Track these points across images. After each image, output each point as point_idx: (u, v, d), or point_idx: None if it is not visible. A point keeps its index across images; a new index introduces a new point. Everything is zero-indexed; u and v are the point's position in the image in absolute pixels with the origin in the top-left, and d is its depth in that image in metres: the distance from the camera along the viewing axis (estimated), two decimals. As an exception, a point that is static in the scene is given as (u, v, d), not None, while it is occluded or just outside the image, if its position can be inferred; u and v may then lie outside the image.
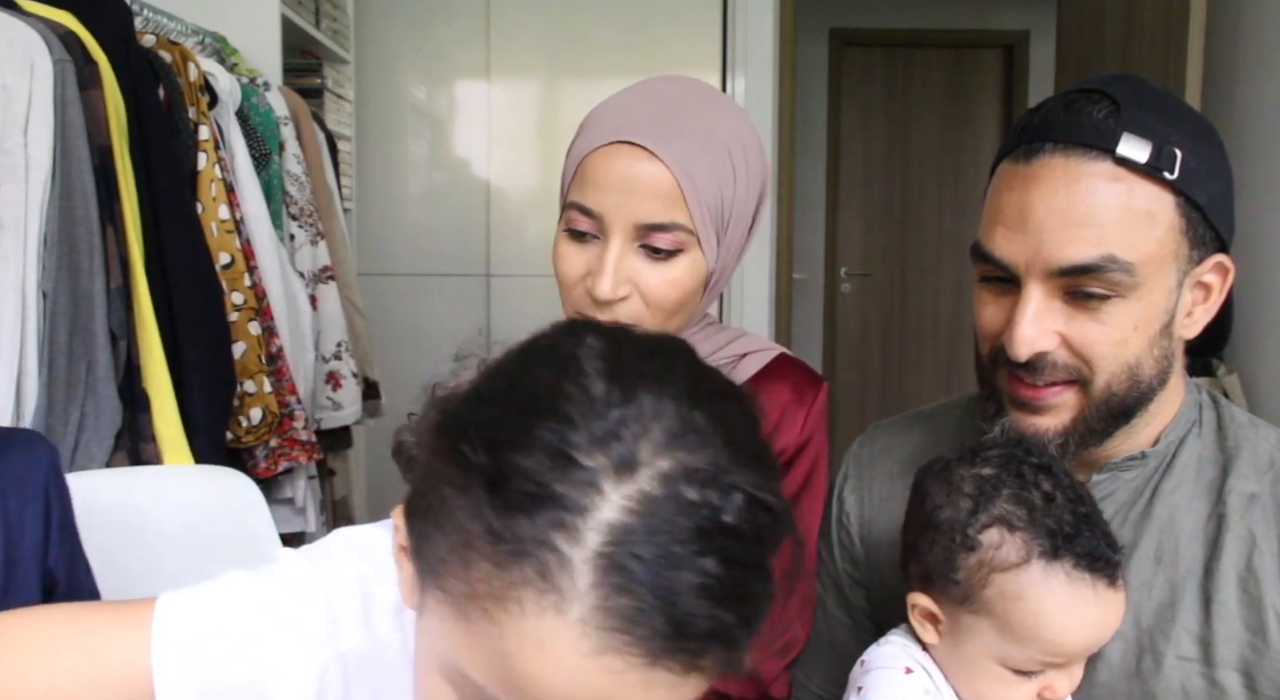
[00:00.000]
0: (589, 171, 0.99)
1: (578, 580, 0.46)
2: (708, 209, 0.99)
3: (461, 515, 0.49)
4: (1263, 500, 0.94)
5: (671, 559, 0.46)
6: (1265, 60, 2.22)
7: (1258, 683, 0.91)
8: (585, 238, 1.00)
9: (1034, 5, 5.01)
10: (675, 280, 0.99)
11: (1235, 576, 0.92)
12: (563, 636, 0.47)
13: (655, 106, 1.01)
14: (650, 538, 0.46)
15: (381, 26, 3.15)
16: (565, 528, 0.46)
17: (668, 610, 0.46)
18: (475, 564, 0.48)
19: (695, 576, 0.47)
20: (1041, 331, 0.89)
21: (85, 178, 1.39)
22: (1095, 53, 3.15)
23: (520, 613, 0.47)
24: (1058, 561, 0.83)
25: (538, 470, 0.47)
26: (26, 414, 1.35)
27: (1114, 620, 0.87)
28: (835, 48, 5.23)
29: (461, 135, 3.24)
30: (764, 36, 3.14)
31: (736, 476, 0.49)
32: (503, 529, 0.47)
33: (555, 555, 0.46)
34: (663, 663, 0.47)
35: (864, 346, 5.40)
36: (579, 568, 0.46)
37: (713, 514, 0.48)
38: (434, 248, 3.16)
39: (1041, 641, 0.84)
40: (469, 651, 0.49)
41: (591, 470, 0.47)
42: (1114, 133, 0.86)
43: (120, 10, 1.60)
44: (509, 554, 0.47)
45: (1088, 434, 0.93)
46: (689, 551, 0.47)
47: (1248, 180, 2.19)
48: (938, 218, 5.28)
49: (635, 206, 0.97)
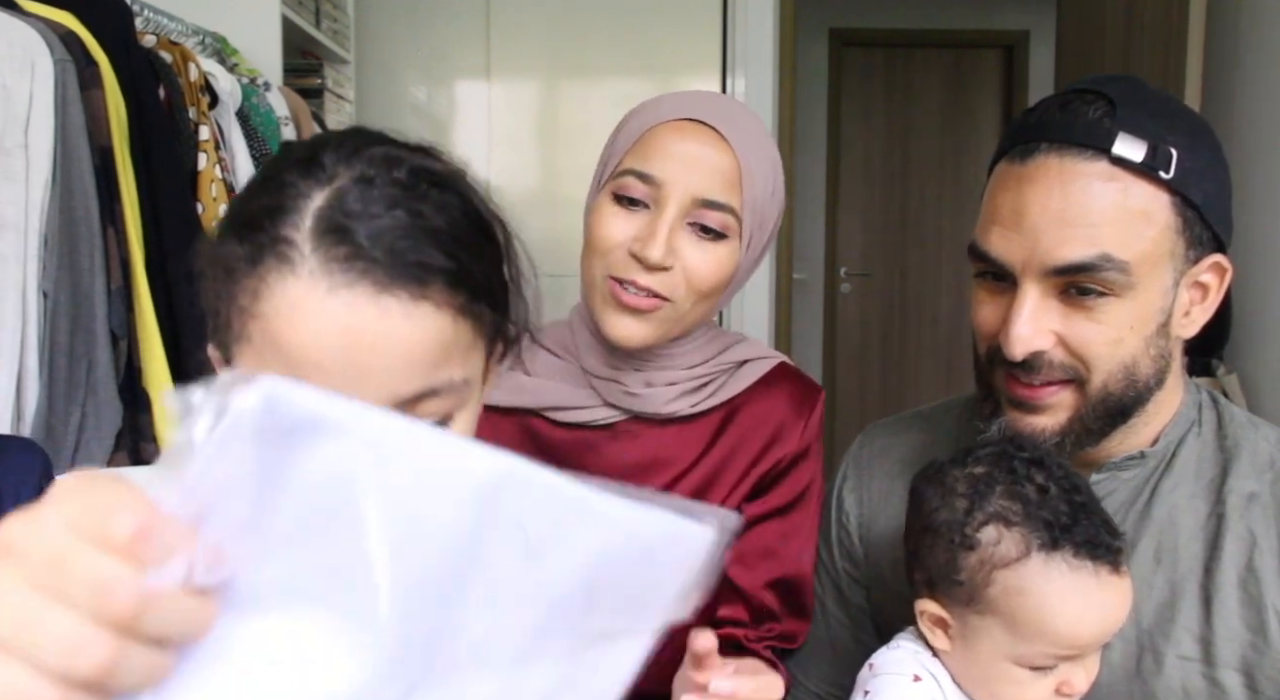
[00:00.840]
0: (654, 141, 1.01)
1: (304, 248, 0.59)
2: (754, 203, 1.02)
3: (225, 269, 0.62)
4: (1263, 499, 0.94)
5: (373, 212, 0.59)
6: (1265, 60, 2.22)
7: (1258, 682, 0.91)
8: (634, 205, 1.00)
9: (1034, 5, 5.01)
10: (718, 262, 1.01)
11: (1235, 576, 0.92)
12: (303, 291, 0.58)
13: (723, 101, 1.05)
14: (352, 202, 0.59)
15: (381, 26, 3.15)
16: (286, 220, 0.59)
17: (379, 249, 0.58)
18: (240, 293, 0.61)
19: (394, 221, 0.59)
20: (1037, 331, 0.89)
21: (86, 178, 1.39)
22: (1095, 53, 3.15)
23: (270, 294, 0.59)
24: (1057, 552, 0.83)
25: (262, 201, 0.61)
26: (27, 414, 1.35)
27: (1122, 607, 0.86)
28: (835, 48, 5.22)
29: (461, 135, 3.24)
30: (764, 36, 3.14)
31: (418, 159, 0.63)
32: (247, 250, 0.60)
33: (284, 241, 0.59)
34: (390, 291, 0.58)
35: (864, 346, 5.40)
36: (302, 242, 0.59)
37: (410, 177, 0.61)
38: (434, 248, 3.16)
39: (1051, 635, 0.83)
40: (261, 361, 0.60)
41: (299, 184, 0.60)
42: (1109, 132, 0.87)
43: (121, 10, 1.60)
44: (254, 263, 0.60)
45: (1085, 434, 0.93)
46: (385, 206, 0.59)
47: (1248, 180, 2.19)
48: (938, 218, 5.28)
49: (698, 180, 0.99)
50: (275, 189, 0.61)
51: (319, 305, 0.58)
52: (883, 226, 5.36)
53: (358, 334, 0.58)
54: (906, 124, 5.32)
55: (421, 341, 0.60)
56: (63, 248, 1.37)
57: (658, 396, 1.07)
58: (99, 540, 0.33)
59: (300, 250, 0.59)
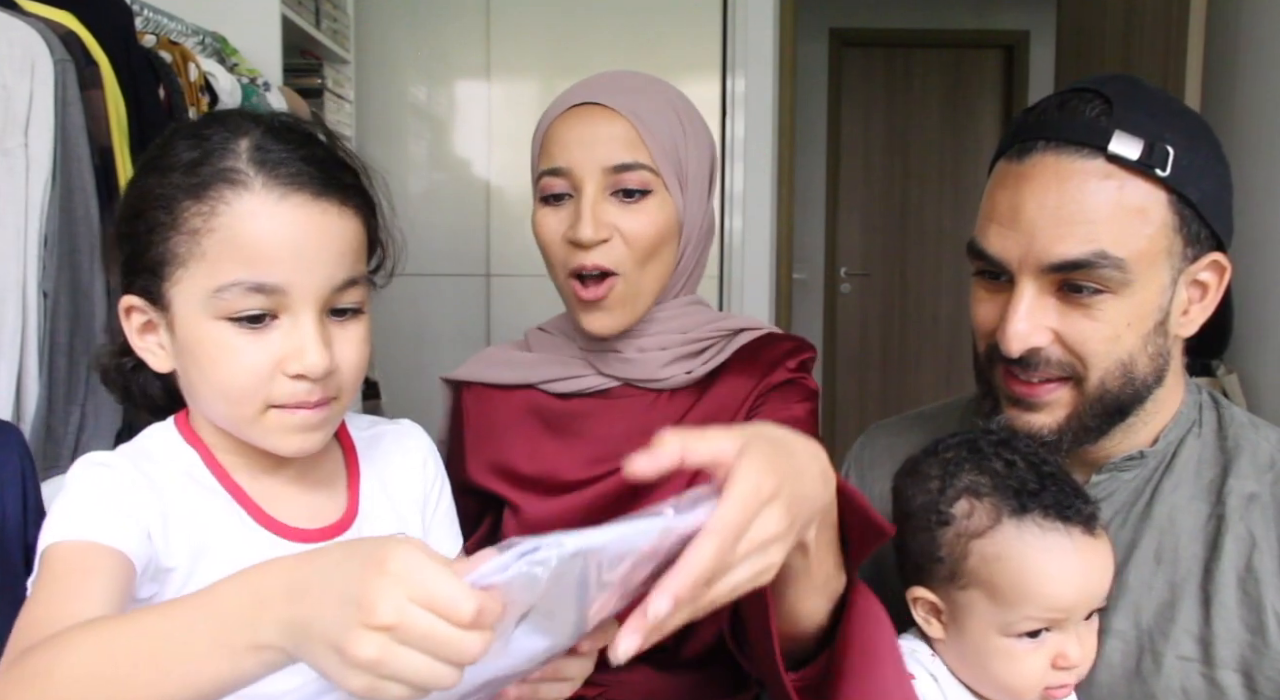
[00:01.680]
0: (552, 137, 1.08)
1: (249, 172, 0.75)
2: (665, 152, 1.07)
3: (163, 208, 0.76)
4: (1263, 500, 0.94)
5: (292, 147, 0.77)
6: (1265, 60, 2.22)
7: (1257, 683, 0.91)
8: (560, 200, 1.08)
9: (1034, 5, 5.01)
10: (650, 220, 1.07)
11: (1235, 577, 0.92)
12: (258, 202, 0.74)
13: (604, 78, 1.12)
14: (272, 142, 0.76)
15: (381, 26, 3.15)
16: (223, 157, 0.75)
17: (310, 168, 0.76)
18: (187, 220, 0.74)
19: (310, 152, 0.77)
20: (1034, 327, 0.90)
21: (86, 177, 1.39)
22: (1095, 53, 3.15)
23: (227, 209, 0.74)
24: (1027, 515, 0.85)
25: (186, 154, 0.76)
26: (27, 413, 1.35)
27: (1100, 569, 0.87)
28: (835, 48, 5.22)
29: (461, 135, 3.24)
30: (764, 36, 3.14)
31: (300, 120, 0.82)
32: (189, 184, 0.75)
33: (229, 170, 0.75)
34: (324, 198, 0.76)
35: (864, 346, 5.40)
36: (246, 168, 0.75)
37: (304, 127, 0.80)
38: (434, 248, 3.16)
39: (1032, 596, 0.85)
40: (217, 268, 0.74)
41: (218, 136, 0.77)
42: (1106, 130, 0.87)
43: (121, 10, 1.60)
44: (200, 193, 0.75)
45: (1083, 431, 0.94)
46: (298, 143, 0.77)
47: (1248, 180, 2.19)
48: (938, 218, 5.28)
49: (599, 152, 1.06)
50: (195, 143, 0.76)
51: (274, 208, 0.74)
52: (883, 226, 5.35)
53: (305, 229, 0.75)
54: (906, 124, 5.31)
55: (347, 237, 0.78)
56: (62, 247, 1.37)
57: (650, 361, 1.12)
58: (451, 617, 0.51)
59: (247, 173, 0.75)
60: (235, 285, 0.73)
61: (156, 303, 0.77)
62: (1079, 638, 0.87)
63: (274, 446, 0.79)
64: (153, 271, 0.76)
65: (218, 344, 0.75)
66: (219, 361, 0.75)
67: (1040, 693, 0.88)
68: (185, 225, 0.74)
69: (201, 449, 0.82)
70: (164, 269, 0.76)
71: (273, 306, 0.75)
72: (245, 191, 0.74)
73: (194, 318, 0.75)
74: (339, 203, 0.77)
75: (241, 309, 0.74)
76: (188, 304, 0.76)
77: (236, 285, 0.73)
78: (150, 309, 0.78)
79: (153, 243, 0.76)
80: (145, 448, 0.81)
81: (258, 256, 0.74)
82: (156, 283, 0.76)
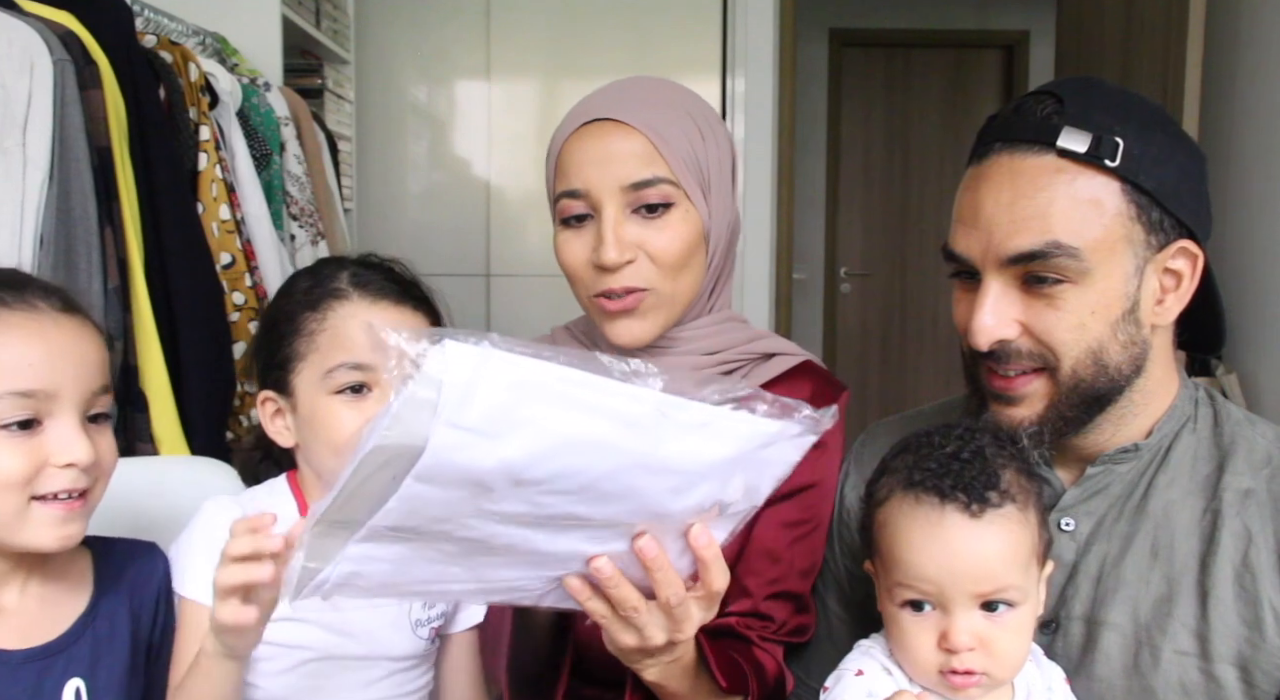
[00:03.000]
0: (567, 158, 1.05)
1: (349, 289, 1.03)
2: (684, 162, 1.04)
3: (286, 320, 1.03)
4: (1259, 496, 0.95)
5: (380, 273, 1.06)
6: (1265, 61, 2.22)
7: (1254, 677, 0.92)
8: (582, 222, 1.04)
9: (1034, 5, 5.01)
10: (675, 234, 1.04)
11: (1231, 571, 0.93)
12: (355, 305, 1.02)
13: (615, 90, 1.08)
14: (361, 271, 1.05)
15: (381, 26, 3.15)
16: (330, 282, 1.04)
17: (391, 284, 1.05)
18: (304, 325, 1.02)
19: (394, 274, 1.07)
20: (1000, 321, 0.93)
21: (84, 178, 1.39)
22: (1095, 53, 3.15)
23: (334, 313, 1.01)
24: (911, 490, 0.89)
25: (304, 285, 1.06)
26: (26, 413, 1.35)
27: (971, 550, 0.87)
28: (835, 48, 5.23)
29: (461, 135, 3.24)
30: (764, 36, 3.14)
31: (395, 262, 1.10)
32: (308, 301, 1.03)
33: (335, 290, 1.03)
34: (403, 303, 1.05)
35: (864, 346, 5.41)
36: (346, 287, 1.03)
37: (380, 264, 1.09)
38: (434, 248, 3.17)
39: (898, 562, 0.89)
40: (327, 356, 1.00)
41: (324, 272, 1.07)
42: (1056, 127, 0.91)
43: (121, 10, 1.60)
44: (314, 306, 1.02)
45: (1063, 422, 0.95)
46: (385, 269, 1.07)
47: (1248, 180, 2.19)
48: (938, 218, 5.27)
49: (616, 171, 1.02)
50: (310, 276, 1.06)
51: (367, 311, 1.02)
52: (883, 226, 5.36)
53: (391, 321, 1.00)
54: (906, 124, 5.32)
55: (418, 327, 0.96)
56: (59, 247, 1.37)
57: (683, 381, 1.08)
58: None
59: (348, 290, 1.03)
60: (340, 366, 0.99)
61: (284, 392, 1.03)
62: (968, 625, 0.86)
63: None
64: (282, 367, 1.02)
65: (330, 412, 0.99)
66: (330, 427, 0.99)
67: (939, 676, 0.88)
68: (304, 329, 1.01)
69: (300, 499, 1.04)
70: (290, 364, 1.01)
71: (368, 380, 0.99)
72: (347, 301, 1.02)
73: (312, 397, 1.00)
74: (413, 307, 1.05)
75: (344, 383, 0.99)
76: (307, 387, 1.01)
77: (341, 366, 0.99)
78: (279, 398, 1.03)
79: (282, 347, 1.02)
80: (259, 497, 1.06)
81: (356, 344, 0.99)
82: (285, 376, 1.02)
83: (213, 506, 1.01)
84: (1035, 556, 0.90)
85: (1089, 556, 0.99)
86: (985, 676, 0.87)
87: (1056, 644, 0.99)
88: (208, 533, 0.97)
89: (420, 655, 1.05)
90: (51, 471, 0.85)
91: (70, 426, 0.86)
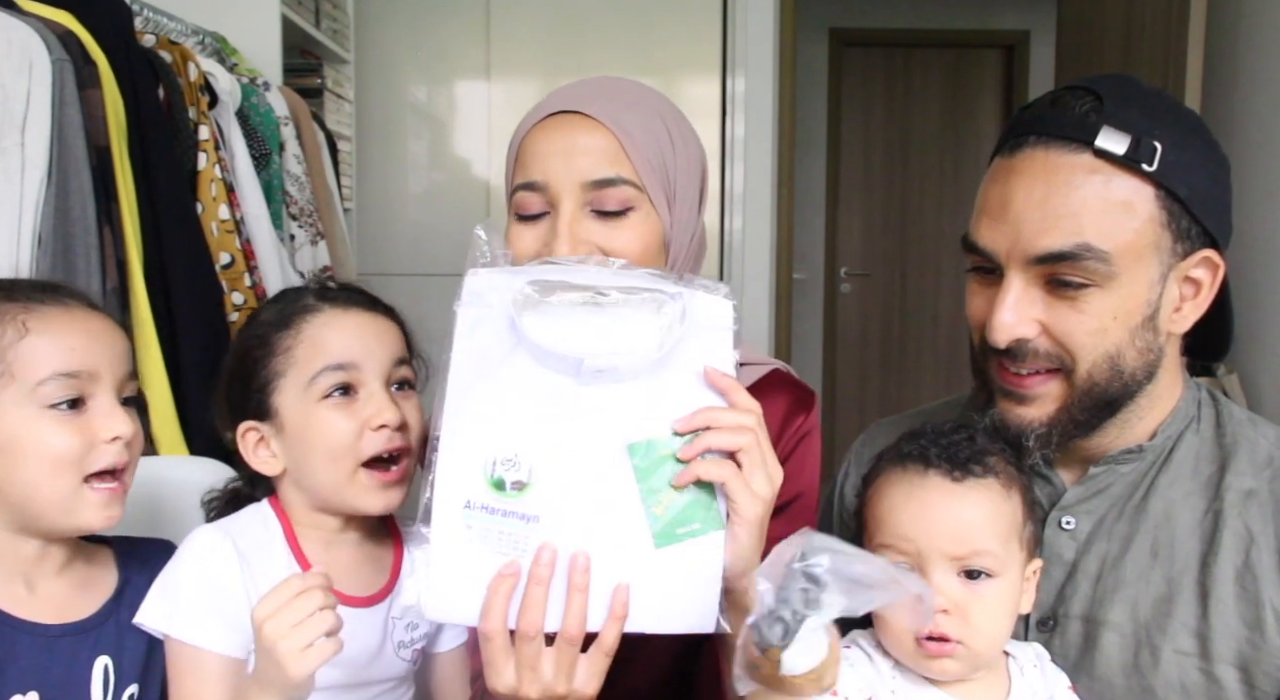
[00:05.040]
0: (528, 149, 1.00)
1: (319, 303, 1.01)
2: (651, 166, 0.99)
3: (259, 343, 1.00)
4: (1260, 497, 0.94)
5: (345, 290, 1.04)
6: (1265, 61, 2.22)
7: (1255, 678, 0.91)
8: (537, 219, 0.99)
9: (1034, 5, 5.01)
10: (633, 236, 0.98)
11: (1232, 572, 0.93)
12: (329, 315, 1.00)
13: (586, 85, 1.03)
14: (329, 287, 1.04)
15: (381, 26, 3.15)
16: (298, 299, 1.02)
17: (360, 296, 1.04)
18: (278, 344, 0.99)
19: (360, 290, 1.05)
20: (1021, 319, 0.92)
21: (83, 178, 1.39)
22: (1095, 53, 3.14)
23: (308, 326, 0.99)
24: (900, 461, 0.91)
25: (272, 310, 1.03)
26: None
27: (949, 510, 0.88)
28: (835, 48, 5.22)
29: (461, 135, 3.24)
30: (764, 36, 3.14)
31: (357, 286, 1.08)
32: (279, 320, 1.00)
33: (304, 305, 1.01)
34: (375, 310, 1.02)
35: (864, 346, 5.40)
36: (315, 301, 1.01)
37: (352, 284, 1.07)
38: (434, 248, 3.16)
39: (881, 524, 0.90)
40: (308, 365, 0.97)
41: (290, 295, 1.05)
42: (1094, 126, 0.89)
43: (120, 10, 1.60)
44: (286, 324, 0.99)
45: (1072, 425, 0.94)
46: (349, 287, 1.05)
47: (1248, 180, 2.19)
48: (938, 218, 5.27)
49: (578, 165, 0.97)
50: (275, 305, 1.03)
51: (341, 319, 1.00)
52: (883, 226, 5.35)
53: (364, 325, 1.01)
54: (906, 124, 5.31)
55: (394, 334, 1.03)
56: (57, 247, 1.36)
57: None
58: None
59: (318, 305, 1.00)
60: (323, 370, 0.96)
61: (265, 417, 0.99)
62: (945, 588, 0.87)
63: (363, 505, 0.98)
64: (261, 391, 0.99)
65: (321, 419, 0.97)
66: (323, 433, 0.96)
67: (915, 646, 0.87)
68: (279, 348, 0.99)
69: (286, 524, 1.01)
70: (269, 385, 0.98)
71: (351, 380, 0.97)
72: (319, 312, 1.00)
73: (298, 409, 0.97)
74: (384, 314, 1.03)
75: (331, 385, 0.97)
76: (291, 402, 0.98)
77: (324, 370, 0.96)
78: (262, 426, 0.99)
79: (257, 372, 0.99)
80: (247, 526, 1.00)
81: (334, 347, 0.98)
82: (265, 399, 0.99)
83: (202, 541, 0.96)
84: (1016, 536, 0.90)
85: (1089, 555, 0.98)
86: (960, 646, 0.86)
87: (1055, 642, 0.99)
88: (201, 571, 0.94)
89: (402, 676, 1.04)
90: (100, 448, 0.91)
91: (112, 403, 0.92)
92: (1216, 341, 1.02)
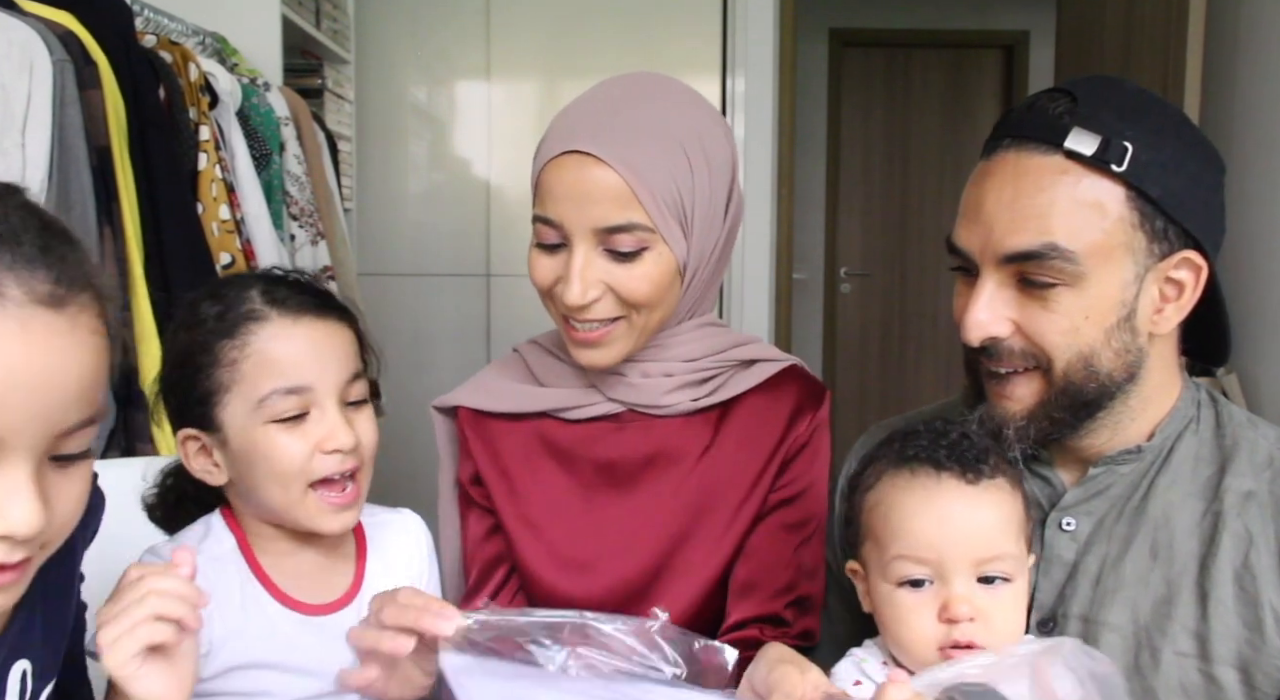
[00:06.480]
0: (545, 184, 1.02)
1: (267, 309, 0.93)
2: (665, 205, 1.00)
3: (202, 350, 0.92)
4: (1260, 498, 0.94)
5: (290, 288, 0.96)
6: (1265, 60, 2.22)
7: (1255, 679, 0.91)
8: (555, 249, 1.03)
9: (1034, 5, 5.01)
10: (644, 275, 1.01)
11: (1232, 573, 0.93)
12: (278, 326, 0.92)
13: (603, 109, 1.03)
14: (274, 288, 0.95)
15: (381, 26, 3.15)
16: (242, 303, 0.93)
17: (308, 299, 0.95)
18: (223, 353, 0.92)
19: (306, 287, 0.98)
20: (993, 317, 0.93)
21: (83, 178, 1.39)
22: (1095, 53, 3.14)
23: (255, 337, 0.92)
24: (905, 465, 0.89)
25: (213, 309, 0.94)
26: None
27: (969, 516, 0.87)
28: (835, 48, 5.22)
29: (461, 135, 3.24)
30: (764, 36, 3.14)
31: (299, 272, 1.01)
32: (222, 327, 0.92)
33: (250, 311, 0.93)
34: (325, 316, 0.95)
35: (864, 346, 5.40)
36: (263, 307, 0.93)
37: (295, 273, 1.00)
38: (434, 248, 3.16)
39: (898, 534, 0.88)
40: (257, 384, 0.91)
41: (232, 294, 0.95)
42: (1065, 127, 0.90)
43: (120, 10, 1.60)
44: (231, 331, 0.92)
45: (1049, 422, 0.95)
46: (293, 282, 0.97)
47: (1248, 180, 2.19)
48: (938, 218, 5.27)
49: (590, 212, 0.99)
50: (215, 301, 0.94)
51: (291, 330, 0.93)
52: (883, 226, 5.35)
53: (317, 340, 0.94)
54: (906, 124, 5.32)
55: (347, 342, 0.97)
56: (61, 247, 1.36)
57: (654, 387, 1.09)
58: None
59: (265, 310, 0.93)
60: (273, 393, 0.91)
61: (208, 428, 0.94)
62: (969, 596, 0.86)
63: (316, 526, 0.95)
64: (203, 403, 0.93)
65: (270, 442, 0.92)
66: (271, 457, 0.92)
67: (939, 654, 0.87)
68: (224, 359, 0.92)
69: (239, 535, 0.98)
70: (213, 398, 0.93)
71: (304, 404, 0.92)
72: (266, 322, 0.93)
73: (245, 428, 0.92)
74: (336, 318, 0.96)
75: (282, 411, 0.91)
76: (237, 419, 0.92)
77: (274, 393, 0.91)
78: (204, 436, 0.94)
79: (199, 381, 0.93)
80: (191, 537, 0.98)
81: (285, 367, 0.92)
82: (208, 411, 0.93)
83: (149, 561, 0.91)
84: (1024, 535, 0.90)
85: (1089, 556, 0.99)
86: (984, 652, 0.86)
87: (1056, 644, 0.99)
88: None
89: None
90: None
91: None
92: (1215, 347, 1.02)
